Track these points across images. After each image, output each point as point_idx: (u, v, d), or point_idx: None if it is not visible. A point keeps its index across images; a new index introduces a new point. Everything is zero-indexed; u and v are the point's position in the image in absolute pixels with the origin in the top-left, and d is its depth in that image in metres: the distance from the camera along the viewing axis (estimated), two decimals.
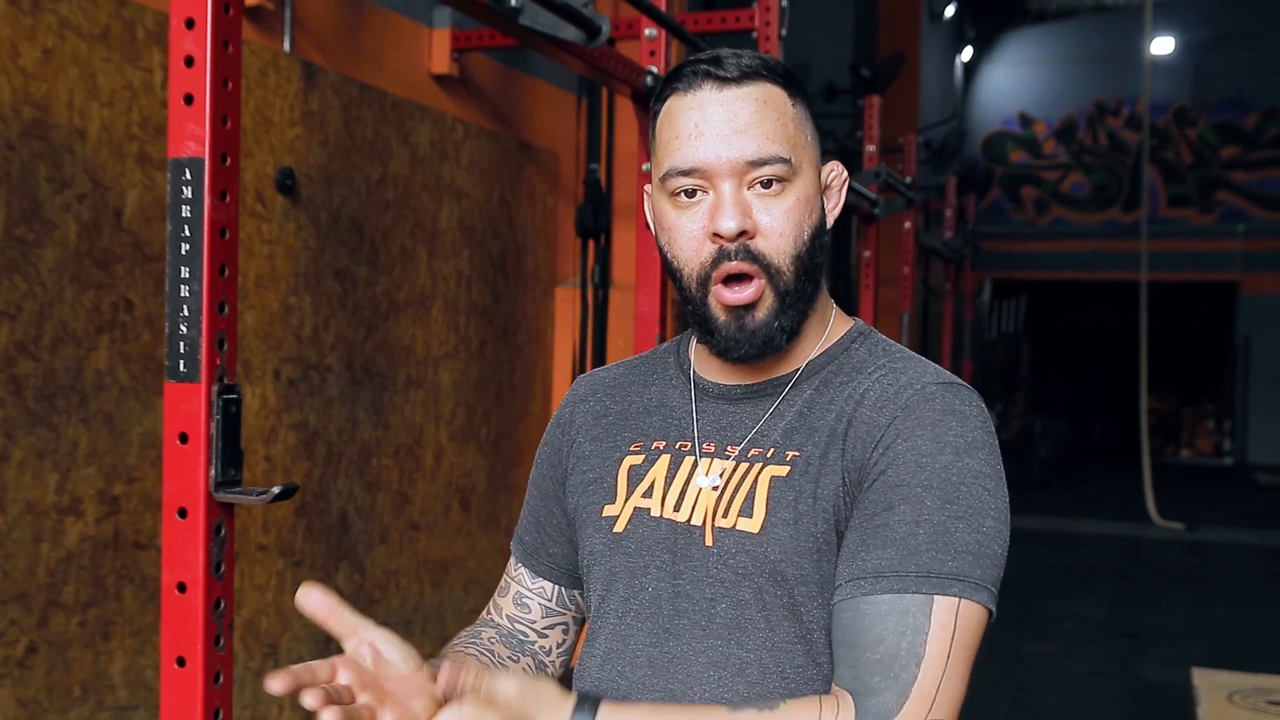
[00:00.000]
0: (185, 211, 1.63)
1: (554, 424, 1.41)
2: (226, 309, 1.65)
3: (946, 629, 1.06)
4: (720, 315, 1.20)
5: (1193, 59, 16.40)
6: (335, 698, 1.07)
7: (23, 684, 2.95)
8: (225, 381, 1.64)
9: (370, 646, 1.14)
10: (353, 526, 4.17)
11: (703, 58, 1.22)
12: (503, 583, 1.47)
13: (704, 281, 1.20)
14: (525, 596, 1.43)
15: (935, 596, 1.07)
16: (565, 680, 1.29)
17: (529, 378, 5.36)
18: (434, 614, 4.65)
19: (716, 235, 1.18)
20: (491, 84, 5.00)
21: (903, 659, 1.04)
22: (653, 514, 1.24)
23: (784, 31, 4.08)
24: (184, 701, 1.64)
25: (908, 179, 6.11)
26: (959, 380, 1.20)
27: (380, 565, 4.33)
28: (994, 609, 1.11)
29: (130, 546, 3.24)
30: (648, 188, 1.32)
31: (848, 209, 5.76)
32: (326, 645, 4.02)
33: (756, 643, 1.16)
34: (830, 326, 1.28)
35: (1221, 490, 13.48)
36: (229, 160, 1.65)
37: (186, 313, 1.62)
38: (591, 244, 4.66)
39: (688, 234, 1.21)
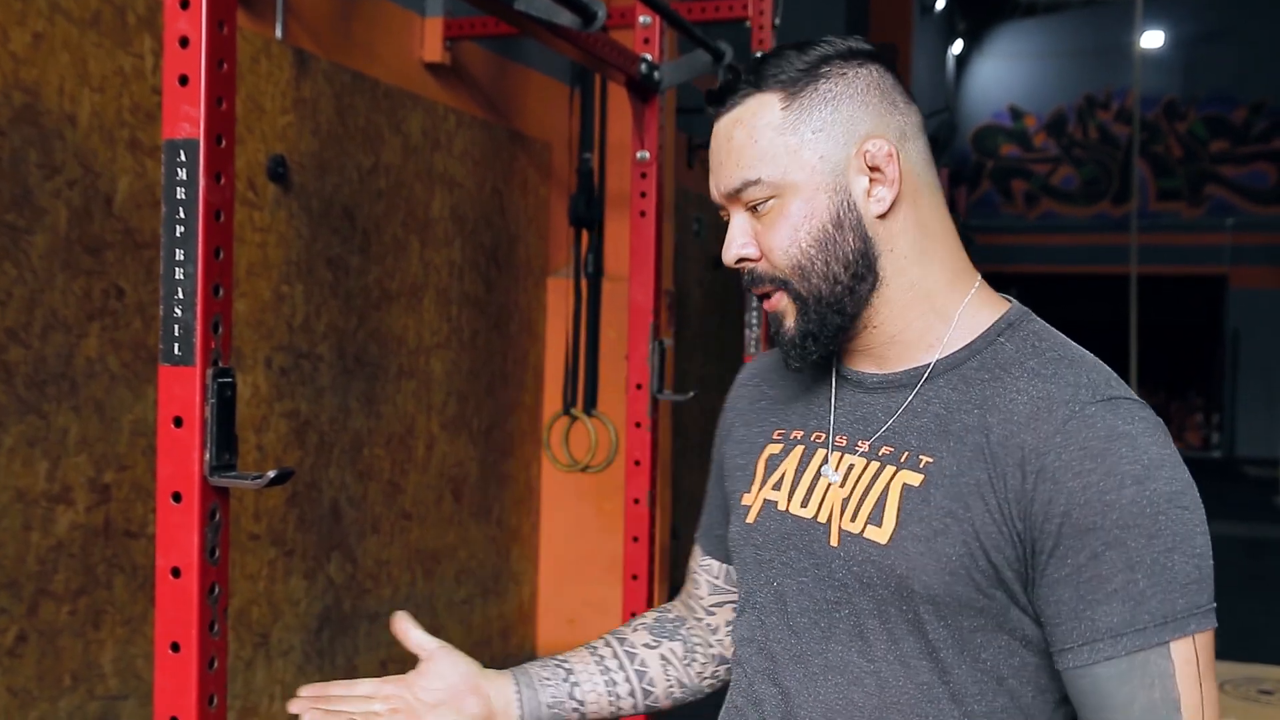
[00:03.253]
0: (180, 194, 1.61)
1: (723, 409, 1.41)
2: (221, 292, 1.64)
3: (1191, 664, 1.03)
4: (770, 324, 1.22)
5: (1182, 53, 16.43)
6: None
7: (13, 673, 2.93)
8: (220, 365, 1.63)
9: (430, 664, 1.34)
10: (344, 516, 4.15)
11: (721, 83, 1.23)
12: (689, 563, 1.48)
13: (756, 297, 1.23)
14: (696, 574, 1.45)
15: (1171, 642, 1.03)
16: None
17: (521, 368, 5.35)
18: (425, 604, 4.64)
19: (729, 262, 1.21)
20: (484, 73, 4.98)
21: (1160, 710, 1.03)
22: (779, 508, 1.22)
23: (778, 21, 4.07)
24: (178, 687, 1.63)
25: None
26: (1119, 390, 1.09)
27: (372, 555, 4.32)
28: (1217, 623, 1.07)
29: (121, 535, 3.22)
30: None
31: None
32: (318, 635, 4.01)
33: (878, 654, 1.13)
34: (965, 310, 1.17)
35: (1210, 483, 13.45)
36: (224, 142, 1.63)
37: (181, 296, 1.61)
38: (585, 234, 4.64)
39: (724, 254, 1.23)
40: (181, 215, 1.62)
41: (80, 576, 3.10)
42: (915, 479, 1.11)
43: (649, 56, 3.11)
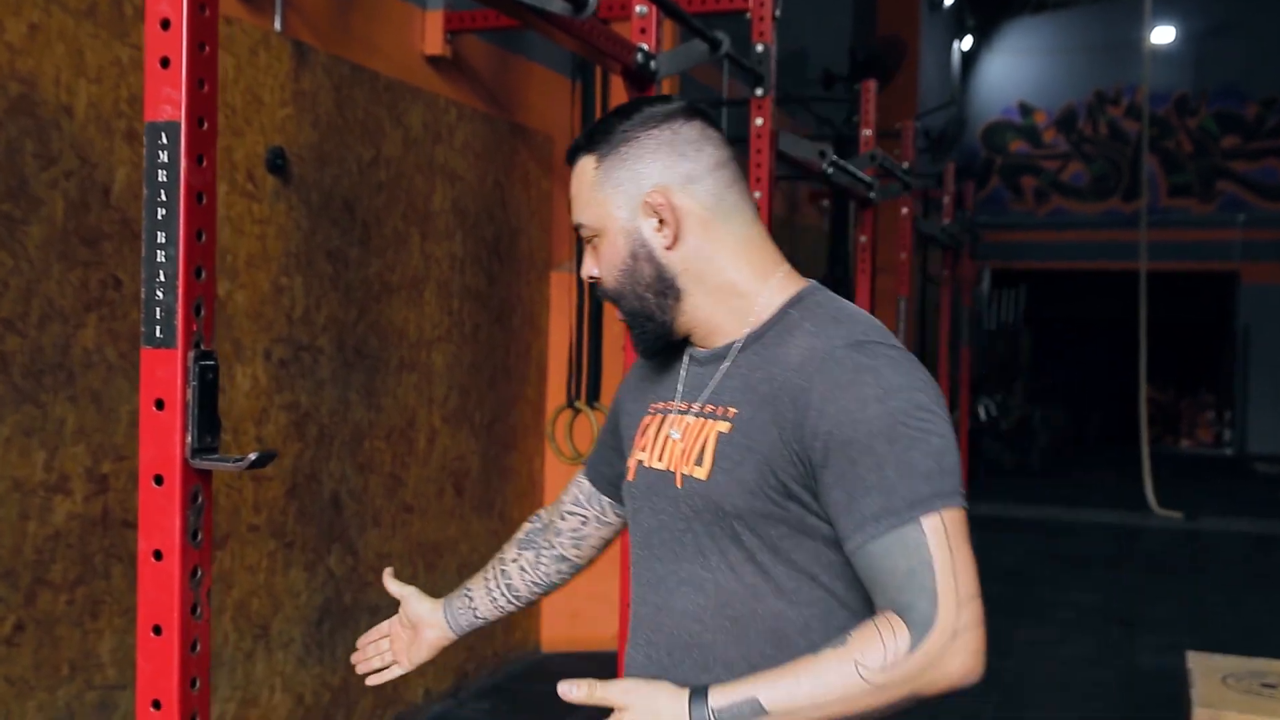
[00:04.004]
0: (162, 176, 1.61)
1: (617, 389, 1.75)
2: (204, 274, 1.64)
3: (940, 533, 1.31)
4: None
5: (1193, 48, 16.35)
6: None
7: (10, 662, 2.94)
8: (202, 348, 1.63)
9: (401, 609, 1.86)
10: (345, 508, 4.16)
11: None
12: None
13: None
14: (570, 487, 1.81)
15: (920, 518, 1.31)
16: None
17: (523, 362, 5.35)
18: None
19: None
20: (485, 66, 4.98)
21: (920, 573, 1.30)
22: (645, 464, 1.54)
23: (778, 12, 4.06)
24: (160, 670, 1.63)
25: (905, 165, 6.09)
26: (873, 336, 1.40)
27: (373, 548, 4.32)
28: (965, 504, 1.36)
29: (119, 525, 3.23)
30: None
31: (844, 193, 5.75)
32: (318, 627, 4.01)
33: (713, 564, 1.44)
34: (768, 297, 1.49)
35: (1221, 480, 13.46)
36: (206, 125, 1.63)
37: (163, 278, 1.60)
38: None
39: None
40: (163, 198, 1.62)
41: (78, 566, 3.11)
42: (725, 426, 1.43)
43: (645, 46, 3.11)
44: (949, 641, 1.30)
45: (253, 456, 1.60)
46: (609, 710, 1.39)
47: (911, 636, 1.29)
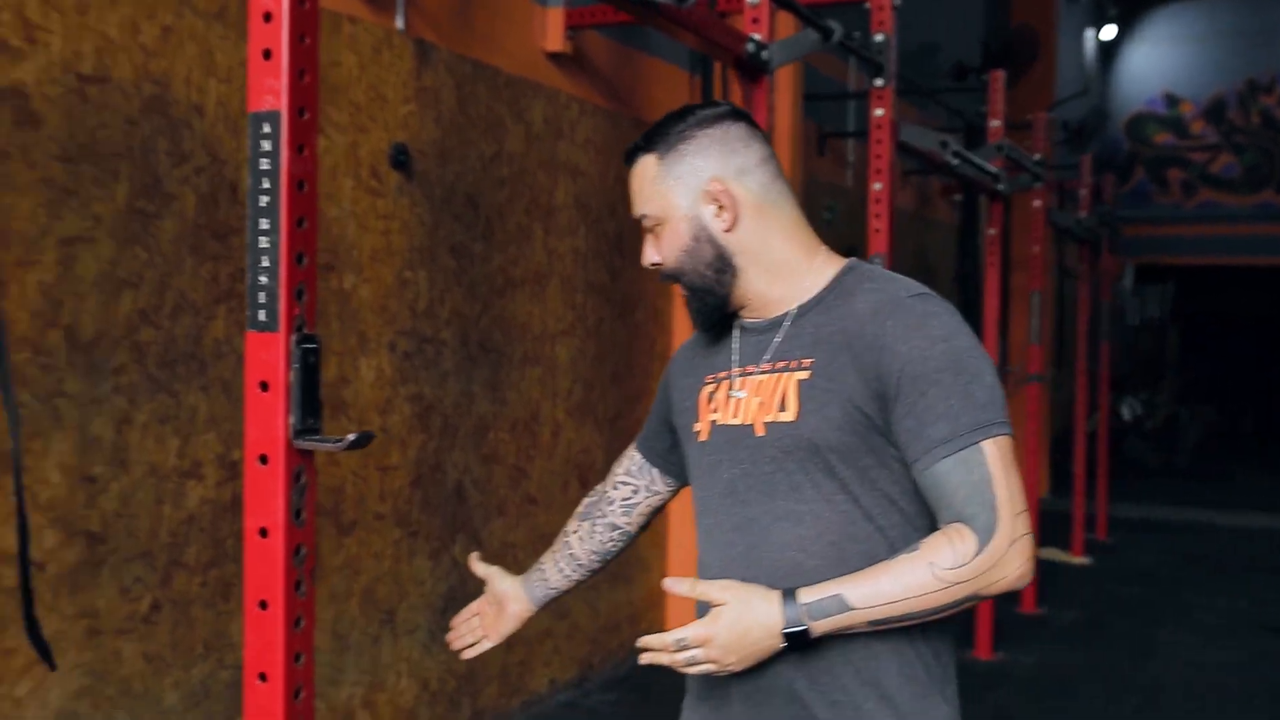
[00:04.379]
0: (264, 165, 1.66)
1: (665, 370, 1.93)
2: (305, 260, 1.68)
3: (996, 456, 1.50)
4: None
5: None
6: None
7: (148, 640, 3.06)
8: (304, 331, 1.68)
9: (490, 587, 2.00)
10: (469, 499, 4.23)
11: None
12: None
13: None
14: (623, 459, 1.98)
15: (981, 442, 1.51)
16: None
17: (648, 356, 5.37)
18: None
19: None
20: (606, 62, 5.02)
21: (981, 489, 1.49)
22: (718, 423, 1.69)
23: (898, 2, 4.00)
24: (266, 644, 1.68)
25: (1037, 156, 5.94)
26: (925, 290, 1.63)
27: (497, 537, 4.39)
28: (1011, 433, 1.56)
29: None
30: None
31: (972, 185, 5.64)
32: (443, 614, 4.09)
33: (808, 497, 1.59)
34: (817, 271, 1.69)
35: None
36: (307, 114, 1.68)
37: (266, 264, 1.66)
38: None
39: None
40: (265, 186, 1.67)
41: (210, 549, 3.22)
42: (804, 375, 1.61)
43: (757, 36, 3.10)
44: (1008, 547, 1.48)
45: (351, 437, 1.65)
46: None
47: (978, 542, 1.48)
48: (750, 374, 1.67)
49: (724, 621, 1.50)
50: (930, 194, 9.22)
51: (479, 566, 2.02)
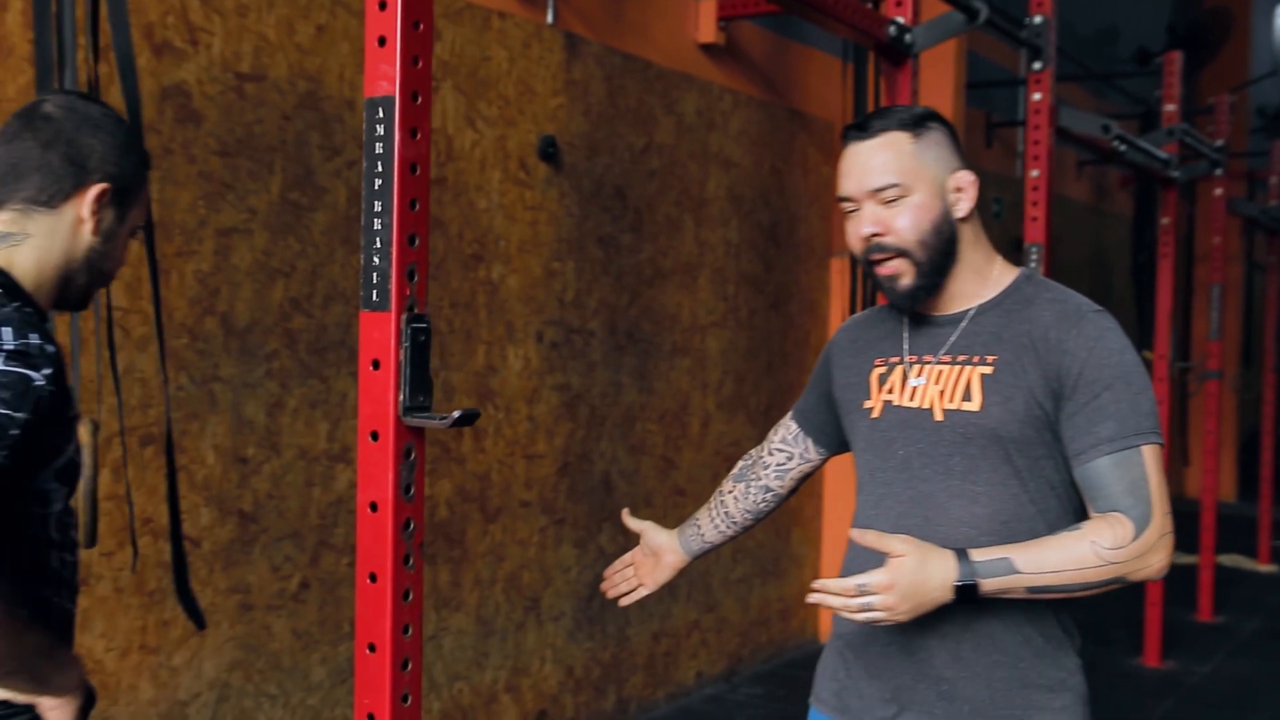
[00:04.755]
0: (378, 149, 1.71)
1: (826, 348, 2.06)
2: (418, 242, 1.72)
3: (1153, 462, 1.69)
4: (882, 283, 1.82)
5: None
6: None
7: (297, 616, 3.17)
8: (415, 311, 1.71)
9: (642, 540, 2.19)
10: (616, 489, 4.26)
11: (855, 123, 1.84)
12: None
13: (868, 264, 1.81)
14: (780, 427, 2.12)
15: (1141, 446, 1.68)
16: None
17: (801, 348, 5.32)
18: (700, 581, 4.69)
19: (863, 238, 1.80)
20: (760, 52, 4.98)
21: (1139, 486, 1.67)
22: (894, 404, 1.83)
23: None
24: (375, 616, 1.72)
25: (1218, 142, 5.67)
26: (1099, 308, 1.78)
27: None
28: (1162, 443, 1.73)
29: None
30: None
31: (1144, 174, 5.42)
32: (589, 603, 4.13)
33: (983, 480, 1.74)
34: (995, 276, 1.84)
35: None
36: (420, 99, 1.71)
37: (379, 245, 1.70)
38: None
39: (852, 234, 1.81)
40: (379, 169, 1.71)
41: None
42: (987, 369, 1.76)
43: (900, 19, 3.04)
44: (1157, 539, 1.66)
45: (456, 414, 1.67)
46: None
47: (1134, 529, 1.65)
48: (927, 363, 1.82)
49: (905, 571, 1.62)
50: (1108, 186, 8.89)
51: (631, 521, 2.20)
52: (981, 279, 1.83)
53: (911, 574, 1.62)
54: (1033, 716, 1.75)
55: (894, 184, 1.76)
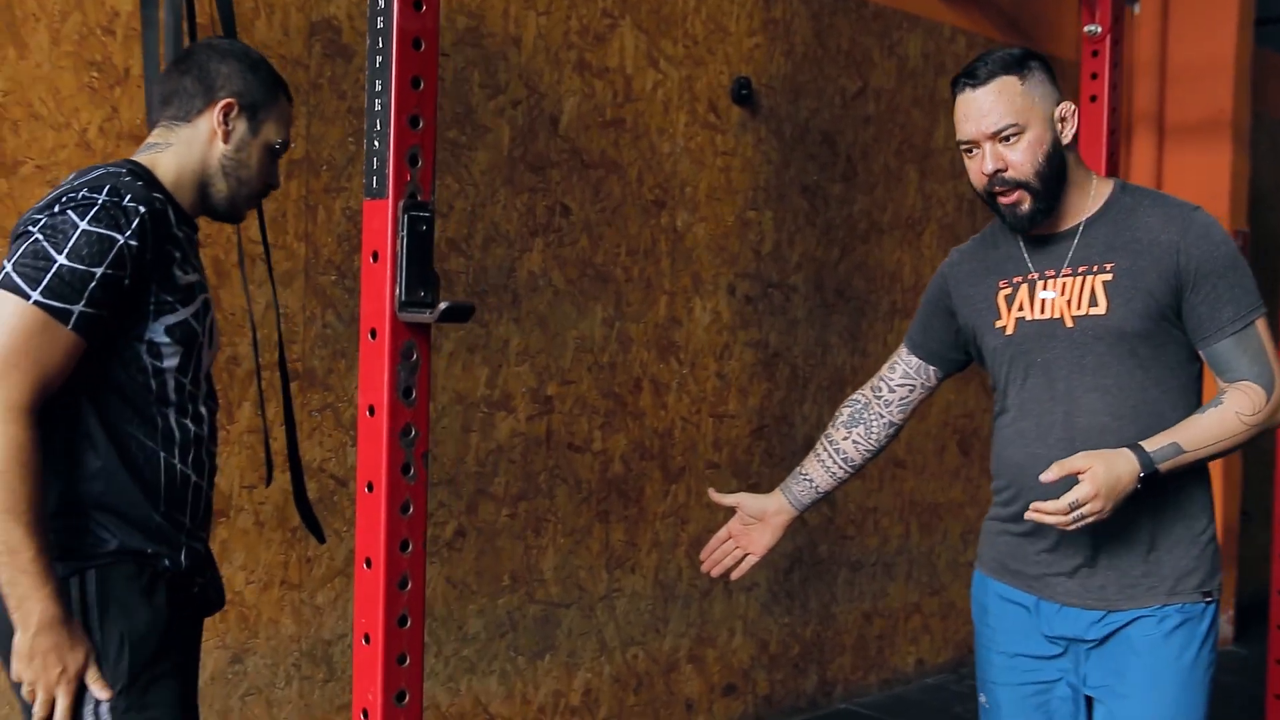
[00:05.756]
0: (379, 23, 1.58)
1: (937, 276, 2.20)
2: (422, 124, 1.58)
3: (1265, 331, 1.94)
4: (1004, 212, 1.98)
5: None
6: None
7: (451, 564, 3.11)
8: (419, 199, 1.57)
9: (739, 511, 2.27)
10: None
11: (964, 71, 1.99)
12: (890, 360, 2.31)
13: (990, 197, 1.97)
14: (895, 363, 2.25)
15: (1255, 321, 1.94)
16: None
17: None
18: (922, 560, 4.36)
19: (986, 174, 1.95)
20: None
21: (1260, 355, 1.93)
22: (1026, 319, 2.01)
23: None
24: (369, 527, 1.59)
25: None
26: (1196, 204, 1.98)
27: (854, 501, 4.13)
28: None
29: (564, 447, 3.31)
30: None
31: None
32: (787, 575, 3.90)
33: (1111, 372, 1.95)
34: (1095, 191, 2.01)
35: None
36: None
37: (379, 128, 1.57)
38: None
39: (974, 172, 1.97)
40: (380, 45, 1.58)
41: (520, 482, 3.22)
42: (1107, 276, 1.96)
43: None
44: None
45: (443, 306, 1.52)
46: None
47: (1264, 393, 1.92)
48: (1050, 277, 2.00)
49: (1100, 478, 1.82)
50: None
51: (725, 497, 2.29)
52: (1084, 194, 2.01)
53: (1105, 478, 1.83)
54: (1171, 546, 1.98)
55: (1011, 124, 1.93)
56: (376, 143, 1.58)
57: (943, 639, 4.47)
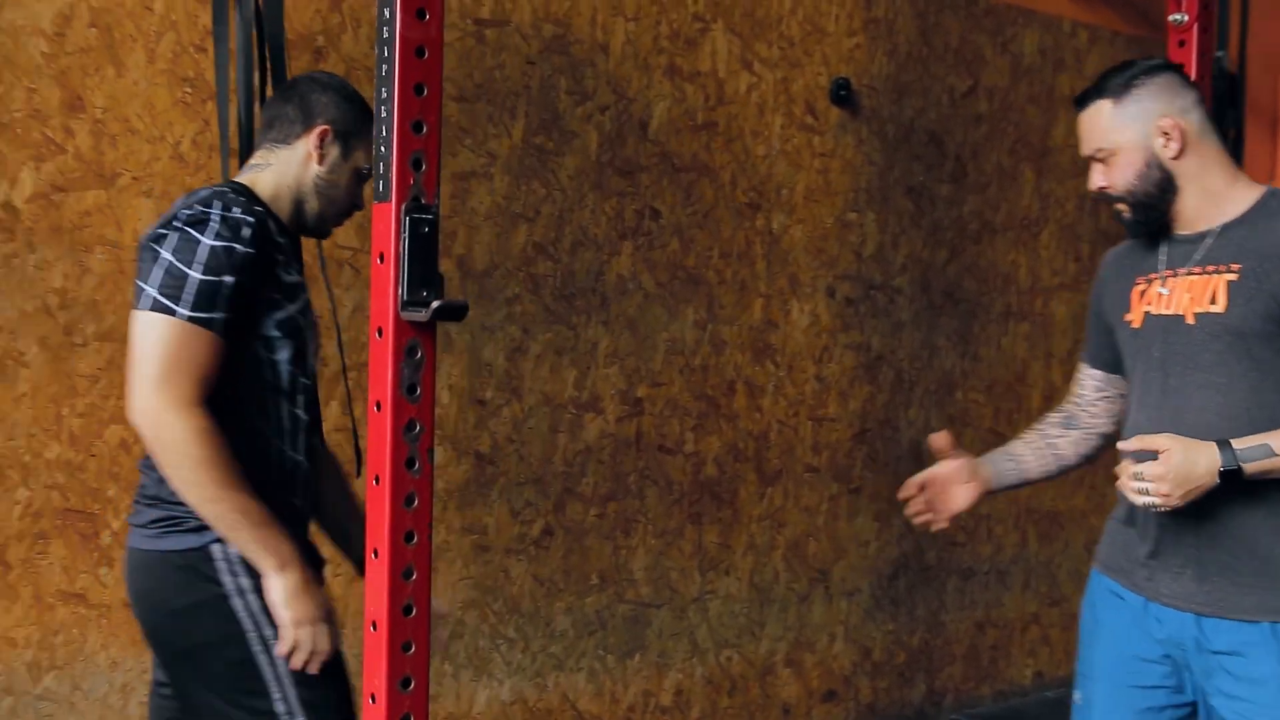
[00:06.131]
0: (384, 33, 1.63)
1: (1094, 281, 2.26)
2: (425, 129, 1.63)
3: None
4: (1118, 218, 2.10)
5: None
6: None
7: (539, 562, 3.17)
8: (423, 202, 1.62)
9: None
10: (927, 461, 3.91)
11: (1077, 96, 2.12)
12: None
13: (1105, 201, 2.11)
14: (1083, 381, 2.27)
15: None
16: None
17: None
18: (1040, 570, 4.25)
19: (1095, 188, 2.08)
20: None
21: None
22: (1152, 313, 2.05)
23: None
24: (375, 520, 1.65)
25: None
26: None
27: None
28: None
29: (654, 449, 3.34)
30: None
31: None
32: (891, 581, 3.85)
33: (1224, 371, 1.96)
34: (1238, 195, 2.03)
35: None
36: None
37: (383, 133, 1.63)
38: None
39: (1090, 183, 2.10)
40: (385, 54, 1.64)
41: (609, 483, 3.27)
42: (1233, 276, 1.97)
43: None
44: None
45: (436, 304, 1.57)
46: None
47: None
48: (1179, 275, 2.04)
49: (1174, 461, 1.84)
50: None
51: (944, 439, 2.28)
52: (1218, 200, 2.04)
53: (1179, 463, 1.84)
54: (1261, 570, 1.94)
55: (1099, 148, 2.04)
56: (382, 148, 1.63)
57: (1064, 652, 4.34)
